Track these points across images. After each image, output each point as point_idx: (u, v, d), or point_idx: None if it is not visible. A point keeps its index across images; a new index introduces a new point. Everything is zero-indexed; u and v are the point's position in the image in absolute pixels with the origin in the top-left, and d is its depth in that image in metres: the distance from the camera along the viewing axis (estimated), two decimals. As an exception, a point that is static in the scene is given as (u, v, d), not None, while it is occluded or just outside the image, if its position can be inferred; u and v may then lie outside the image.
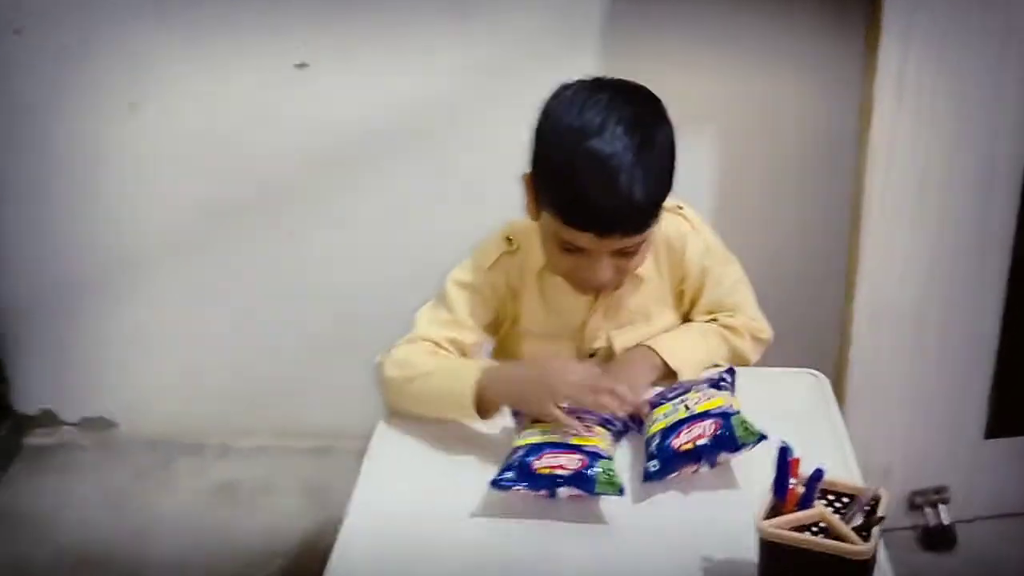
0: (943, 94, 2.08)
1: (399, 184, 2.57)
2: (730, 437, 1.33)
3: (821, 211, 2.52)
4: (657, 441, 1.35)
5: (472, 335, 1.62)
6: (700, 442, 1.33)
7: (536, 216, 1.53)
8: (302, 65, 2.45)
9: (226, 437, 2.85)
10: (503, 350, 1.72)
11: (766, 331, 1.72)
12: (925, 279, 2.25)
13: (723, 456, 1.34)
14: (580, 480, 1.33)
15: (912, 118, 2.10)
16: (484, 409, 1.49)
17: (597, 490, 1.33)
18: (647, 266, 1.61)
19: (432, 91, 2.48)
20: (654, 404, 1.44)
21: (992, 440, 2.44)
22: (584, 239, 1.44)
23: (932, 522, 2.44)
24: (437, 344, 1.60)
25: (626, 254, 1.49)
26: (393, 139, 2.52)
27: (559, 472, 1.33)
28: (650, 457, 1.35)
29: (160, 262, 2.71)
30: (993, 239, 2.25)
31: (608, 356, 1.66)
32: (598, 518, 1.34)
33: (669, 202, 1.53)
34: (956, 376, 2.37)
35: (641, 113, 1.44)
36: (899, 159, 2.13)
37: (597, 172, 1.39)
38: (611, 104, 1.42)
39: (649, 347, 1.61)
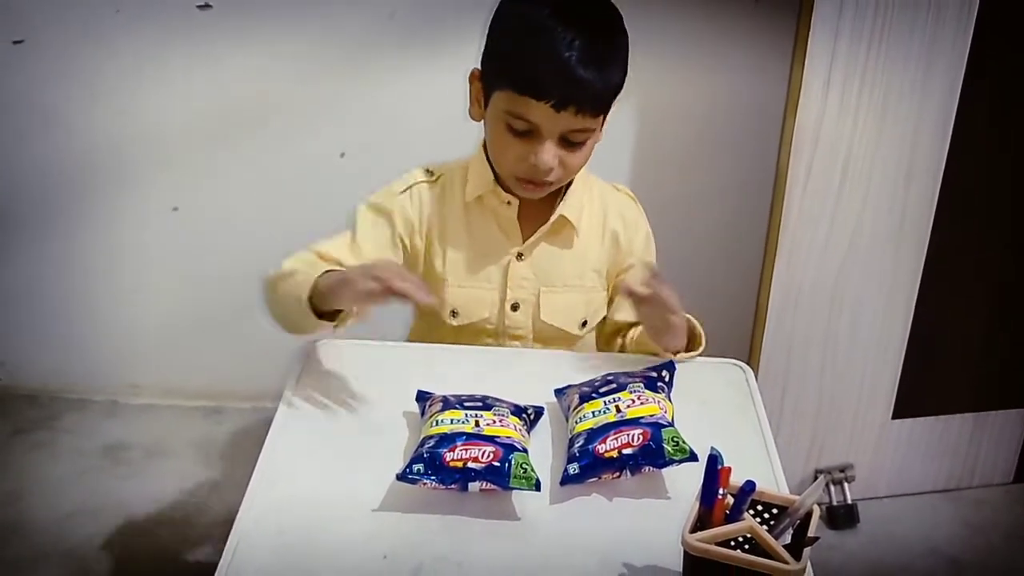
0: (869, 86, 2.09)
1: (301, 144, 2.46)
2: (657, 451, 1.26)
3: (743, 194, 2.49)
4: (581, 443, 1.28)
5: (365, 259, 1.54)
6: (626, 451, 1.25)
7: (480, 114, 1.54)
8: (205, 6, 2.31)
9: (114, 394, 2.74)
10: None
11: None
12: (841, 262, 2.26)
13: (648, 469, 1.27)
14: (494, 474, 1.25)
15: (837, 107, 2.10)
16: (321, 308, 1.41)
17: (511, 484, 1.25)
18: (585, 227, 1.61)
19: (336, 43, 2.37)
20: (583, 398, 1.36)
21: (899, 420, 2.46)
22: (538, 112, 1.43)
23: (836, 500, 2.45)
24: (322, 256, 1.53)
25: (572, 145, 1.49)
26: (299, 88, 2.40)
27: (472, 465, 1.25)
28: (571, 459, 1.27)
29: (43, 215, 2.57)
30: (910, 229, 2.27)
31: (534, 312, 1.63)
32: (511, 516, 1.26)
33: (621, 184, 1.65)
34: (867, 357, 2.38)
35: (602, 4, 1.49)
36: (823, 146, 2.14)
37: (559, 41, 1.40)
38: None
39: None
